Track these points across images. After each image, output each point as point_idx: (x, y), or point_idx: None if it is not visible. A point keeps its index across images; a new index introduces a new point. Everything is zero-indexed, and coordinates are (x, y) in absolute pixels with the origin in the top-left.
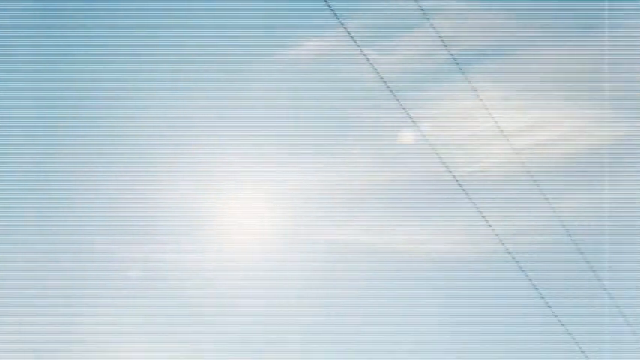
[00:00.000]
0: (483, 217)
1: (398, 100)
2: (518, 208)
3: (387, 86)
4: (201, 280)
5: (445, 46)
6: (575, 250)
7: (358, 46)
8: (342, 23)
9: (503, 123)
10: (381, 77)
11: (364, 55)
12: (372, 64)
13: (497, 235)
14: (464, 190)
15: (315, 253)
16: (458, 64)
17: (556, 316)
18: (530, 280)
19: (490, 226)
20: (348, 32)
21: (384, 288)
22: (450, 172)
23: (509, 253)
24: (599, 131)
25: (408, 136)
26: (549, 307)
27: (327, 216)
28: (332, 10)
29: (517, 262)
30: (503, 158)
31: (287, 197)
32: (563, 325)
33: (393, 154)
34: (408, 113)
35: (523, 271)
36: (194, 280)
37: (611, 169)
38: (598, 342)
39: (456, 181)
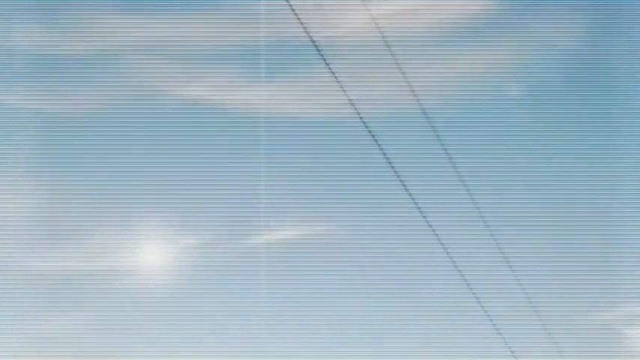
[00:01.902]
0: (338, 82)
1: None
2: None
3: None
4: None
5: None
6: (425, 120)
7: None
8: None
9: None
10: None
11: None
12: None
13: (350, 100)
14: (321, 54)
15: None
16: None
17: (402, 181)
18: (379, 146)
19: (345, 91)
20: None
21: (240, 147)
22: (308, 34)
23: (361, 118)
24: (459, 4)
25: None
26: (396, 173)
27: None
28: None
29: (368, 128)
30: (362, 25)
31: None
32: (406, 189)
33: (253, 14)
34: None
35: (373, 136)
36: None
37: (469, 40)
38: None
39: (314, 44)
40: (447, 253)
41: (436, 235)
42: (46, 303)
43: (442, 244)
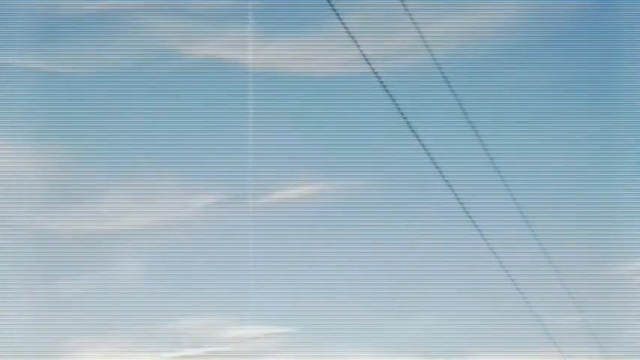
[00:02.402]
0: (352, 37)
1: None
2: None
3: None
4: None
5: None
6: (439, 75)
7: None
8: None
9: None
10: None
11: None
12: None
13: (364, 54)
14: (334, 8)
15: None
16: None
17: (416, 135)
18: (394, 100)
19: (358, 46)
20: None
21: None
22: None
23: (375, 73)
24: None
25: None
26: (411, 127)
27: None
28: None
29: (382, 82)
30: None
31: None
32: (420, 141)
33: None
34: None
35: (387, 91)
36: None
37: None
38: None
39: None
40: (463, 206)
41: (452, 189)
42: (58, 264)
43: (458, 198)
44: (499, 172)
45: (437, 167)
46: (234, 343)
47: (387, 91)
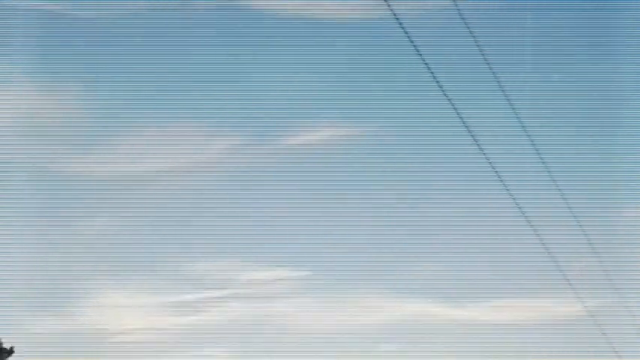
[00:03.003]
0: None
1: None
2: None
3: None
4: None
5: None
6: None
7: None
8: None
9: None
10: None
11: None
12: None
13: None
14: None
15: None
16: None
17: (438, 83)
18: (415, 46)
19: None
20: None
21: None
22: None
23: (397, 19)
24: None
25: None
26: (433, 75)
27: None
28: None
29: (403, 27)
30: None
31: None
32: (441, 88)
33: None
34: None
35: (409, 37)
36: None
37: None
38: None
39: None
40: (483, 152)
41: (472, 136)
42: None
43: (478, 143)
44: (517, 116)
45: (457, 113)
46: (251, 286)
47: (406, 34)
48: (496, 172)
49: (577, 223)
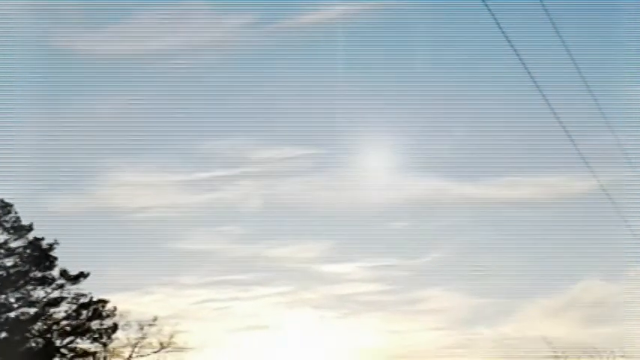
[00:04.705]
0: None
1: None
2: None
3: None
4: None
5: None
6: None
7: None
8: None
9: None
10: None
11: None
12: None
13: None
14: None
15: None
16: None
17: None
18: None
19: None
20: None
21: None
22: None
23: None
24: None
25: None
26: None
27: None
28: None
29: None
30: None
31: None
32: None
33: None
34: None
35: None
36: None
37: None
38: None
39: None
40: (500, 27)
41: (491, 13)
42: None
43: (495, 18)
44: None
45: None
46: (264, 164)
47: None
48: (513, 47)
49: (595, 99)
